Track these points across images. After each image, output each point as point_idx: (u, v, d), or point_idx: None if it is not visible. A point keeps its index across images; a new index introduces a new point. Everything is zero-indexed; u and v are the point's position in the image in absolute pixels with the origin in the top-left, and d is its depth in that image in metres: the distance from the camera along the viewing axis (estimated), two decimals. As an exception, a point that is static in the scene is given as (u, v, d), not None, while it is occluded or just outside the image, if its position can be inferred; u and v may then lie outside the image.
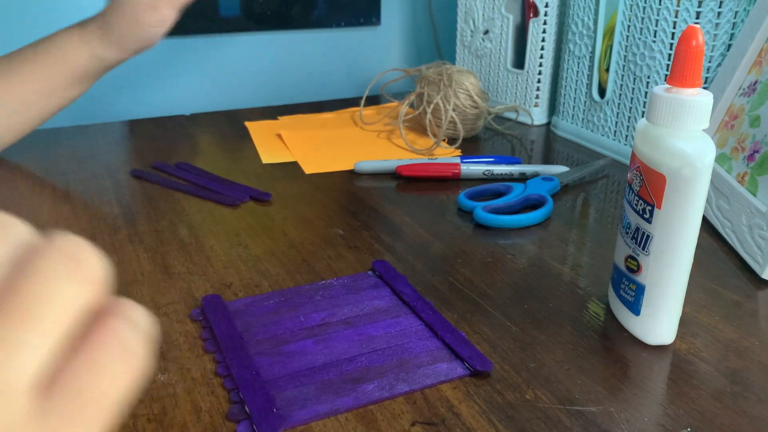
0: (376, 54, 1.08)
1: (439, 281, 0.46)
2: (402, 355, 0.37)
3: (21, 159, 0.70)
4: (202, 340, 0.39)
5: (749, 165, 0.51)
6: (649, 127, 0.36)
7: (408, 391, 0.34)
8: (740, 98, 0.56)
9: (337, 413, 0.33)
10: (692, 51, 0.34)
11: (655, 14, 0.64)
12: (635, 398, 0.34)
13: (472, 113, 0.76)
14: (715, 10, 0.60)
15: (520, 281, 0.46)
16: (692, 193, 0.35)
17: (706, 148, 0.34)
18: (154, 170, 0.67)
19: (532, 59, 0.83)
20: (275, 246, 0.51)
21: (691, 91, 0.35)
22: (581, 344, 0.39)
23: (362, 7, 1.02)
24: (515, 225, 0.55)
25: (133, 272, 0.47)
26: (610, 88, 0.72)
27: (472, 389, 0.35)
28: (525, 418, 0.33)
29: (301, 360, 0.37)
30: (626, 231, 0.39)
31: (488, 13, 0.88)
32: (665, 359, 0.38)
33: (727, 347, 0.39)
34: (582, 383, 0.35)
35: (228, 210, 0.58)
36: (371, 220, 0.56)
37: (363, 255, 0.49)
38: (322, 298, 0.43)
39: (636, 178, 0.37)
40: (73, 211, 0.57)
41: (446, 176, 0.65)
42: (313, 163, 0.70)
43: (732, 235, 0.51)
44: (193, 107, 0.97)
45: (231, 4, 0.94)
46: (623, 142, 0.71)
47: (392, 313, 0.41)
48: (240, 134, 0.80)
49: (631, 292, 0.39)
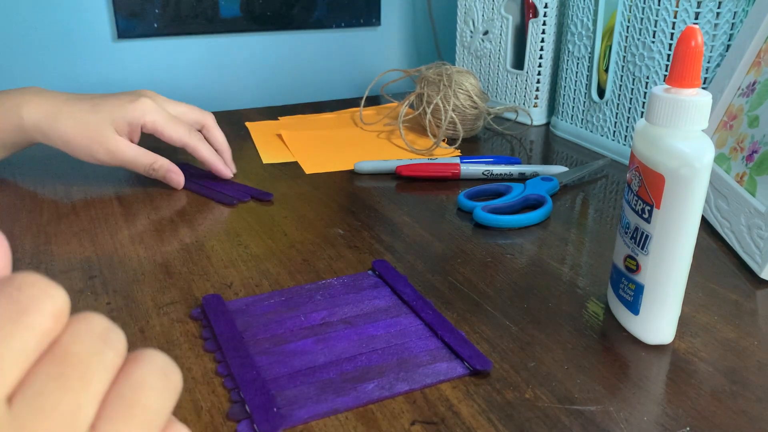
0: (376, 54, 1.08)
1: (439, 281, 0.46)
2: (402, 354, 0.37)
3: (21, 159, 0.70)
4: (202, 339, 0.39)
5: (748, 165, 0.51)
6: (648, 128, 0.36)
7: (408, 390, 0.35)
8: (739, 98, 0.56)
9: (337, 412, 0.33)
10: (691, 51, 0.34)
11: (654, 15, 0.65)
12: (634, 397, 0.34)
13: (472, 114, 0.76)
14: (714, 11, 0.60)
15: (520, 281, 0.46)
16: (691, 193, 0.35)
17: (705, 149, 0.35)
18: None
19: (532, 60, 0.83)
20: (275, 246, 0.51)
21: (690, 91, 0.35)
22: (580, 344, 0.39)
23: (362, 7, 1.02)
24: (515, 225, 0.55)
25: (134, 272, 0.47)
26: (609, 88, 0.72)
27: (471, 388, 0.35)
28: (524, 417, 0.33)
29: (301, 359, 0.37)
30: (625, 231, 0.39)
31: (488, 14, 0.88)
32: (664, 359, 0.38)
33: (726, 347, 0.39)
34: (581, 382, 0.35)
35: (228, 210, 0.58)
36: (371, 220, 0.56)
37: (363, 255, 0.50)
38: (322, 297, 0.43)
39: (635, 178, 0.37)
40: (73, 211, 0.57)
41: (446, 176, 0.65)
42: (314, 163, 0.70)
43: (731, 235, 0.51)
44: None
45: (231, 5, 0.94)
46: (622, 142, 0.72)
47: (392, 313, 0.42)
48: (240, 134, 0.80)
49: (630, 292, 0.39)
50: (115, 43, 0.90)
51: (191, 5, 0.91)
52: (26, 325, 0.17)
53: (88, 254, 0.49)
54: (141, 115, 0.59)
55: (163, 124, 0.60)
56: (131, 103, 0.59)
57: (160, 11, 0.90)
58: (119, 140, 0.59)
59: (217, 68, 0.97)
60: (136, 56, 0.92)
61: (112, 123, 0.58)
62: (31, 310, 0.17)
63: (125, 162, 0.60)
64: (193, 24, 0.92)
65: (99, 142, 0.58)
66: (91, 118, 0.58)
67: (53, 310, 0.17)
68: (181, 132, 0.61)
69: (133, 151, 0.60)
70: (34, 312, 0.17)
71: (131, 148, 0.60)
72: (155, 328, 0.40)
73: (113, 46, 0.90)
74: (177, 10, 0.91)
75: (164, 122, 0.60)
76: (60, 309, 0.18)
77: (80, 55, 0.88)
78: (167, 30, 0.91)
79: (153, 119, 0.59)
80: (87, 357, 0.18)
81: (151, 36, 0.91)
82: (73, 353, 0.17)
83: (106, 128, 0.58)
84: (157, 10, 0.90)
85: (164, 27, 0.91)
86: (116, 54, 0.90)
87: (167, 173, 0.62)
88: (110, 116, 0.58)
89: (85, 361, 0.17)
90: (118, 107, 0.59)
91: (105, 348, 0.18)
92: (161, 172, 0.61)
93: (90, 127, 0.58)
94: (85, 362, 0.17)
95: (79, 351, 0.18)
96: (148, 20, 0.90)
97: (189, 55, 0.95)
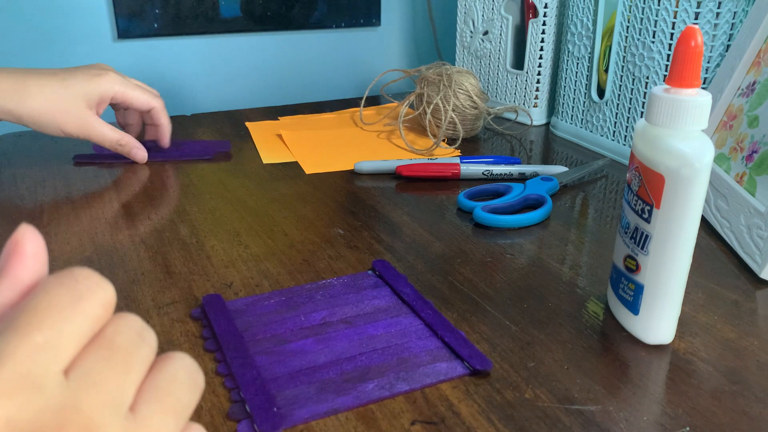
0: (376, 54, 1.08)
1: (438, 281, 0.46)
2: (402, 354, 0.37)
3: (21, 159, 0.70)
4: (202, 339, 0.39)
5: (748, 165, 0.51)
6: (648, 128, 0.36)
7: (408, 390, 0.35)
8: (739, 98, 0.56)
9: (337, 412, 0.33)
10: (691, 51, 0.34)
11: (654, 15, 0.65)
12: (634, 397, 0.34)
13: (472, 114, 0.76)
14: (713, 11, 0.60)
15: (520, 281, 0.46)
16: (691, 193, 0.35)
17: (704, 149, 0.35)
18: None
19: (532, 60, 0.83)
20: (276, 246, 0.51)
21: (689, 91, 0.35)
22: (580, 344, 0.39)
23: (362, 7, 1.03)
24: (515, 225, 0.55)
25: (134, 272, 0.47)
26: (609, 88, 0.72)
27: (471, 388, 0.35)
28: (524, 417, 0.33)
29: (301, 359, 0.37)
30: (625, 231, 0.39)
31: (488, 14, 0.88)
32: (664, 359, 0.38)
33: (726, 346, 0.39)
34: (581, 382, 0.35)
35: (228, 210, 0.58)
36: (371, 220, 0.56)
37: (363, 255, 0.50)
38: (322, 297, 0.43)
39: (635, 178, 0.37)
40: (73, 211, 0.57)
41: (446, 176, 0.65)
42: (314, 163, 0.70)
43: (731, 235, 0.51)
44: (193, 107, 0.97)
45: (231, 5, 0.94)
46: (622, 142, 0.72)
47: (392, 313, 0.42)
48: (240, 134, 0.80)
49: (630, 292, 0.39)
50: (115, 43, 0.90)
51: (191, 5, 0.91)
52: (82, 310, 0.19)
53: (88, 254, 0.49)
54: (111, 87, 0.63)
55: (131, 93, 0.65)
56: (100, 77, 0.62)
57: (160, 11, 0.90)
58: (90, 115, 0.62)
59: (217, 68, 0.97)
60: (136, 56, 0.92)
61: (83, 97, 0.61)
62: (86, 299, 0.19)
63: (95, 137, 0.64)
64: (193, 24, 0.92)
65: (71, 117, 0.61)
66: (62, 93, 0.60)
67: (104, 300, 0.20)
68: (147, 97, 0.66)
69: (103, 128, 0.64)
70: (88, 300, 0.19)
71: (101, 125, 0.64)
72: (155, 328, 0.40)
73: (113, 46, 0.90)
74: (177, 10, 0.91)
75: (131, 90, 0.65)
76: (109, 300, 0.20)
77: (80, 55, 0.88)
78: (167, 30, 0.91)
79: (122, 90, 0.64)
80: (128, 348, 0.20)
81: (151, 36, 0.91)
82: (118, 343, 0.20)
83: (77, 103, 0.61)
84: (157, 10, 0.90)
85: (164, 27, 0.91)
86: (116, 54, 0.90)
87: (132, 149, 0.67)
88: (82, 90, 0.61)
89: (127, 351, 0.20)
90: (87, 82, 0.61)
91: (142, 343, 0.21)
92: (126, 149, 0.67)
93: (61, 103, 0.60)
94: (127, 351, 0.20)
95: (122, 342, 0.20)
96: (148, 20, 0.90)
97: (189, 55, 0.95)
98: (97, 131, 0.63)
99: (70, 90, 0.60)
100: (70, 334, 0.19)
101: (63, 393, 0.18)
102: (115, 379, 0.19)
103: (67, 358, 0.19)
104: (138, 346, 0.21)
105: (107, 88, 0.63)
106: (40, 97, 0.59)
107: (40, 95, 0.59)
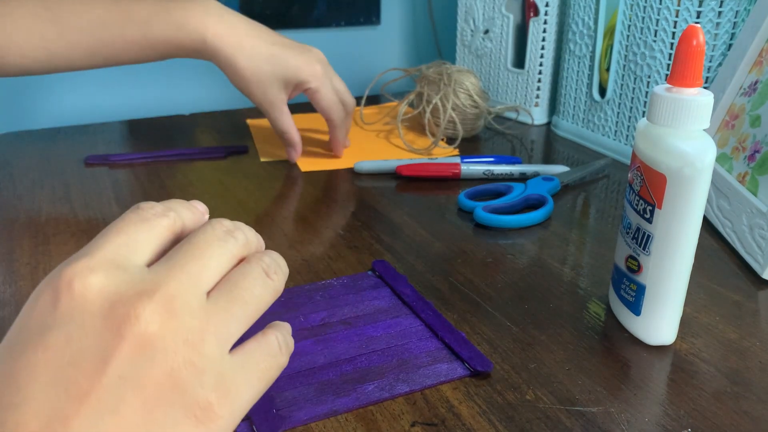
0: (376, 53, 1.07)
1: (439, 281, 0.46)
2: (402, 355, 0.37)
3: (21, 159, 0.70)
4: (201, 340, 0.39)
5: (750, 165, 0.51)
6: (650, 127, 0.36)
7: (408, 391, 0.34)
8: (741, 98, 0.56)
9: (337, 414, 0.33)
10: (693, 51, 0.34)
11: (656, 14, 0.64)
12: (636, 398, 0.34)
13: (472, 113, 0.76)
14: (715, 10, 0.60)
15: (521, 281, 0.46)
16: (693, 193, 0.35)
17: (706, 148, 0.34)
18: None
19: (533, 59, 0.83)
20: (275, 246, 0.51)
21: (691, 90, 0.34)
22: (582, 344, 0.39)
23: (362, 6, 1.02)
24: (515, 225, 0.55)
25: (133, 272, 0.47)
26: (611, 87, 0.72)
27: (472, 389, 0.35)
28: (525, 418, 0.33)
29: (300, 360, 0.37)
30: (627, 231, 0.39)
31: (488, 13, 0.87)
32: (666, 359, 0.38)
33: (728, 347, 0.39)
34: (582, 383, 0.35)
35: (228, 210, 0.58)
36: (371, 220, 0.56)
37: (363, 255, 0.49)
38: (322, 298, 0.43)
39: (636, 178, 0.37)
40: (72, 211, 0.57)
41: (446, 176, 0.65)
42: (313, 162, 0.70)
43: (732, 235, 0.51)
44: (192, 107, 0.97)
45: (231, 4, 0.94)
46: (624, 141, 0.71)
47: (392, 314, 0.41)
48: (240, 134, 0.80)
49: (631, 293, 0.39)
50: (114, 42, 0.90)
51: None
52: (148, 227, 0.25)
53: (87, 254, 0.49)
54: (309, 81, 0.64)
55: (320, 95, 0.65)
56: (305, 66, 0.64)
57: (159, 10, 0.89)
58: (279, 98, 0.64)
59: (216, 67, 0.97)
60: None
61: (282, 80, 0.63)
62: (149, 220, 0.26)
63: (271, 117, 0.65)
64: (192, 23, 0.92)
65: (262, 93, 0.63)
66: (266, 69, 0.62)
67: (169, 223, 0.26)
68: (331, 107, 0.66)
69: (282, 114, 0.65)
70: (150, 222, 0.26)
71: (281, 111, 0.65)
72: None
73: (113, 46, 0.90)
74: (177, 9, 0.90)
75: (322, 93, 0.65)
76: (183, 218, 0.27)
77: (80, 54, 0.88)
78: (167, 29, 0.91)
79: (317, 86, 0.65)
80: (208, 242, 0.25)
81: (150, 35, 0.90)
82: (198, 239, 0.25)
83: (274, 84, 0.63)
84: (156, 10, 0.89)
85: (164, 26, 0.90)
86: (116, 53, 0.90)
87: (290, 146, 0.68)
88: (283, 73, 0.63)
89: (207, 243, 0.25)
90: (292, 67, 0.63)
91: (226, 239, 0.26)
92: (287, 143, 0.68)
93: (262, 77, 0.63)
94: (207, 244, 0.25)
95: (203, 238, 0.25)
96: (148, 19, 0.89)
97: (189, 54, 0.94)
98: (276, 113, 0.65)
99: (273, 68, 0.63)
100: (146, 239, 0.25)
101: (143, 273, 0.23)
102: (193, 265, 0.24)
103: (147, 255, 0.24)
104: (221, 241, 0.25)
105: (305, 79, 0.64)
106: (248, 62, 0.62)
107: (248, 60, 0.62)
